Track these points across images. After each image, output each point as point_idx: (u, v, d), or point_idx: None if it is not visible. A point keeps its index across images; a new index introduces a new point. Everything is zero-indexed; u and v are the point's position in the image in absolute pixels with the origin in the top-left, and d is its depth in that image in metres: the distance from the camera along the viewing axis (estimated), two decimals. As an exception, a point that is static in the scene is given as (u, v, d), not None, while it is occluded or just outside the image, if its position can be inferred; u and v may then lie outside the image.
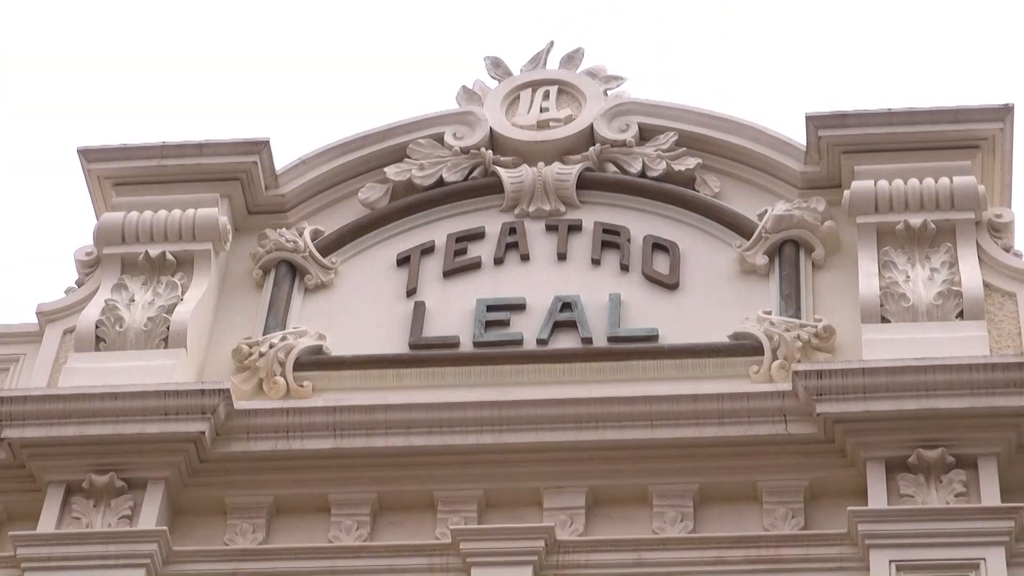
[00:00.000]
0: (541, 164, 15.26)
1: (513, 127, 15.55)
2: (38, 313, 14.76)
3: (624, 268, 14.64)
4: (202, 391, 13.47)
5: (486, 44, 33.05)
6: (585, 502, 13.13)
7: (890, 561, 12.33)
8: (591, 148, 15.32)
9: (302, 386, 14.02)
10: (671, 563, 12.72)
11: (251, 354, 14.21)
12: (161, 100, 36.51)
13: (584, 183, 15.20)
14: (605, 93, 15.71)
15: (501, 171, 15.26)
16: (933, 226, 14.07)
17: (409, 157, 15.47)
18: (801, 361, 13.41)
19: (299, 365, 14.13)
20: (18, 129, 37.92)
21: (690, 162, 15.12)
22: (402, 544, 13.08)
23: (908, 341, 13.39)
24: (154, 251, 14.77)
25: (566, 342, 14.17)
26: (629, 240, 14.79)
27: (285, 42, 37.52)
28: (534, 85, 15.93)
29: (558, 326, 14.23)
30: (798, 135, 14.91)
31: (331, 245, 15.10)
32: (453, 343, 14.26)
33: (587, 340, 14.10)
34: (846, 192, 14.38)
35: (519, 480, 13.26)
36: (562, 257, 14.82)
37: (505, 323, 14.33)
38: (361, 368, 14.18)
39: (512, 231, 15.00)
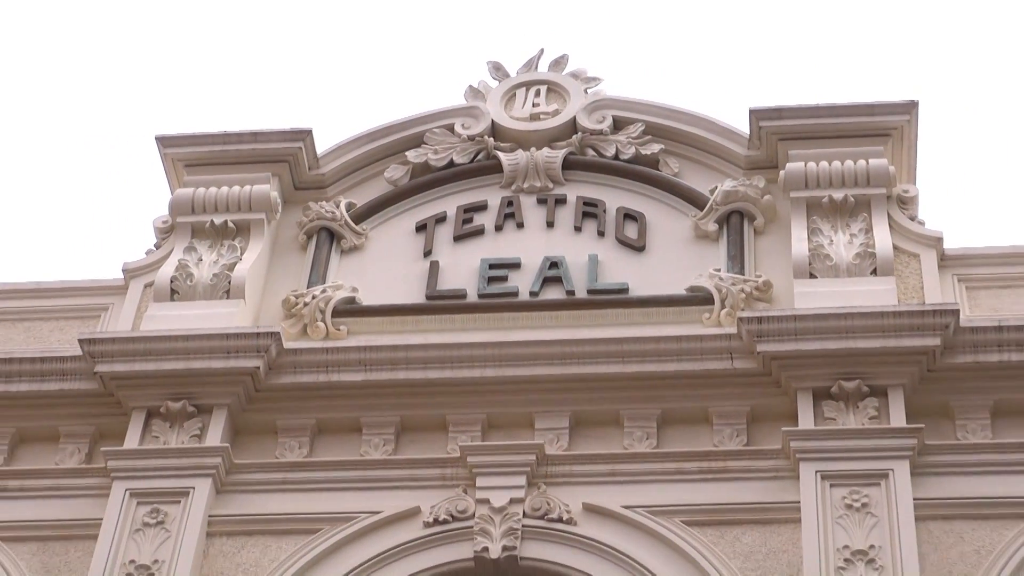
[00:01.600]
0: (533, 149, 15.27)
1: (511, 119, 15.56)
2: (124, 270, 14.82)
3: (601, 234, 14.67)
4: (257, 334, 13.52)
5: (489, 50, 33.33)
6: (569, 423, 13.18)
7: (816, 472, 12.38)
8: (574, 136, 15.33)
9: (339, 330, 14.05)
10: (638, 473, 12.80)
11: (297, 304, 14.24)
12: (224, 87, 36.80)
13: (568, 164, 15.20)
14: (585, 91, 15.68)
15: (501, 155, 15.28)
16: (852, 200, 14.12)
17: (425, 143, 15.49)
18: (744, 309, 13.47)
19: (336, 312, 14.17)
20: (108, 117, 37.94)
21: (654, 147, 15.14)
22: (420, 458, 13.14)
23: (831, 293, 13.46)
24: (218, 220, 14.80)
25: (553, 294, 14.20)
26: (605, 211, 14.81)
27: (328, 47, 37.65)
28: (527, 85, 15.90)
29: (547, 281, 14.27)
30: (743, 125, 14.95)
31: (362, 215, 15.12)
32: (461, 295, 14.29)
33: (570, 292, 14.14)
34: (781, 172, 14.43)
35: (515, 406, 13.31)
36: (550, 225, 14.85)
37: (504, 278, 14.36)
38: (387, 315, 14.22)
39: (510, 203, 15.03)
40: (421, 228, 14.98)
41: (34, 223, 36.62)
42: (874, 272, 13.66)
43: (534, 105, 15.71)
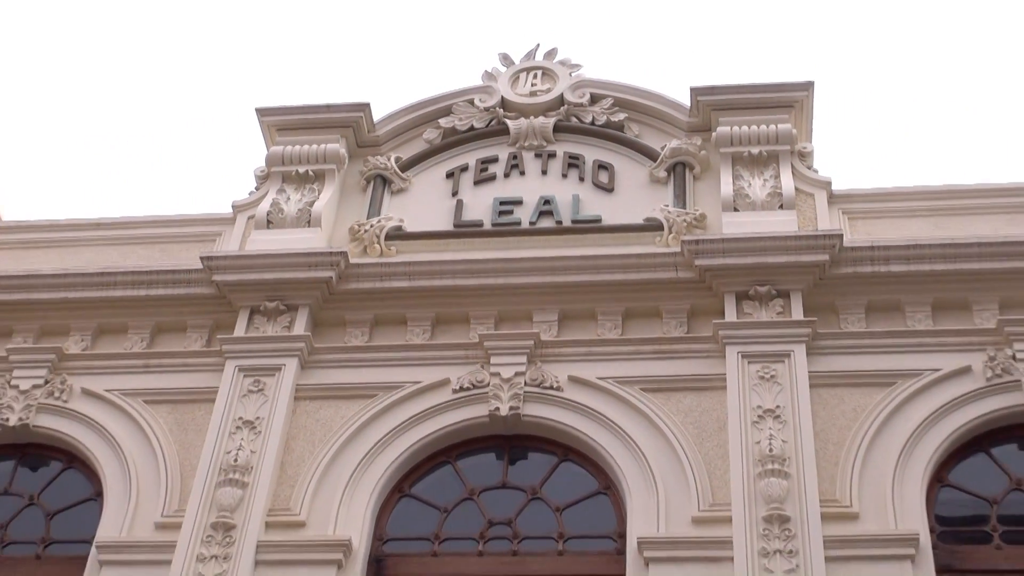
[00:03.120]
0: (532, 117, 15.21)
1: (515, 95, 15.45)
2: (232, 206, 14.80)
3: (581, 179, 14.61)
4: (330, 252, 13.54)
5: (499, 43, 33.23)
6: (558, 317, 13.22)
7: (737, 352, 12.47)
8: (562, 107, 15.25)
9: (390, 249, 14.08)
10: (608, 353, 12.87)
11: (359, 231, 14.26)
12: (303, 66, 36.69)
13: (557, 128, 15.12)
14: (570, 74, 15.57)
15: (508, 121, 15.20)
16: (765, 154, 14.10)
17: (453, 113, 15.42)
18: (686, 234, 13.50)
19: (388, 237, 14.19)
20: (224, 94, 37.86)
21: (621, 115, 15.07)
22: (450, 343, 13.21)
23: (750, 222, 13.49)
24: (301, 169, 14.78)
25: (546, 223, 14.17)
26: (584, 162, 14.76)
27: (381, 43, 37.50)
28: (528, 70, 15.77)
29: (542, 214, 14.24)
30: (685, 99, 14.86)
31: (407, 165, 15.07)
32: (479, 224, 14.29)
33: (559, 222, 14.12)
34: (714, 134, 14.39)
35: (518, 304, 13.34)
36: (544, 173, 14.77)
37: (510, 212, 14.33)
38: (425, 239, 14.22)
39: (514, 157, 14.96)
40: (450, 175, 14.93)
41: (168, 173, 36.73)
42: (781, 207, 13.65)
43: (532, 85, 15.60)
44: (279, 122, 15.25)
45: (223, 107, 37.63)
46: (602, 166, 14.71)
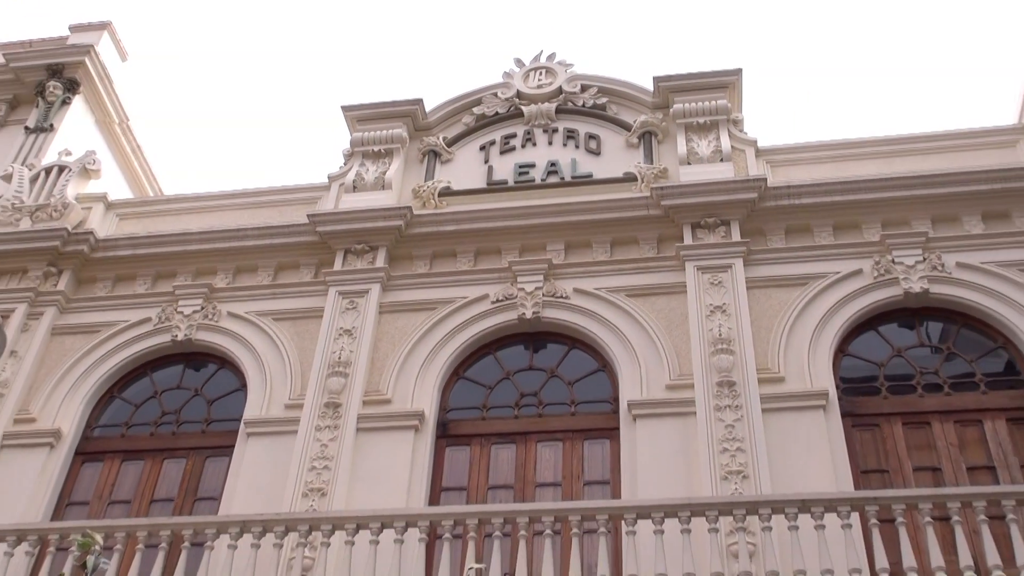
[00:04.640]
0: (540, 103, 15.13)
1: (527, 88, 15.35)
2: (328, 177, 14.77)
3: (577, 147, 14.57)
4: (400, 207, 13.59)
5: (514, 50, 33.10)
6: (564, 246, 13.25)
7: (695, 266, 12.50)
8: (561, 95, 15.18)
9: (442, 203, 14.10)
10: (602, 270, 12.93)
11: (420, 191, 14.27)
12: (368, 72, 36.44)
13: (558, 111, 15.03)
14: (566, 71, 15.48)
15: (522, 107, 15.13)
16: (708, 122, 14.07)
17: (483, 103, 15.35)
18: (654, 183, 13.48)
19: (440, 194, 14.20)
20: (326, 95, 37.74)
21: (604, 99, 15.00)
22: (487, 267, 13.25)
23: (699, 172, 13.48)
24: (375, 149, 14.80)
25: (553, 179, 14.16)
26: (579, 135, 14.72)
27: (429, 51, 37.35)
28: (535, 69, 15.65)
29: (549, 173, 14.22)
30: (649, 84, 14.80)
31: (451, 142, 15.04)
32: (505, 182, 14.27)
33: (562, 179, 14.12)
34: (671, 110, 14.35)
35: (537, 239, 13.36)
36: (550, 143, 14.72)
37: (527, 173, 14.30)
38: (466, 195, 14.20)
39: (528, 133, 14.90)
40: (482, 148, 14.90)
41: (280, 158, 36.80)
42: (721, 160, 13.63)
43: (539, 80, 15.50)
44: (358, 115, 15.24)
45: (309, 105, 37.77)
46: (591, 136, 14.68)
